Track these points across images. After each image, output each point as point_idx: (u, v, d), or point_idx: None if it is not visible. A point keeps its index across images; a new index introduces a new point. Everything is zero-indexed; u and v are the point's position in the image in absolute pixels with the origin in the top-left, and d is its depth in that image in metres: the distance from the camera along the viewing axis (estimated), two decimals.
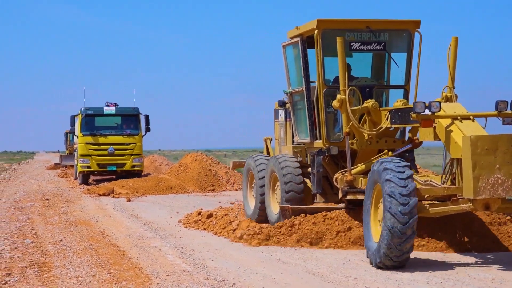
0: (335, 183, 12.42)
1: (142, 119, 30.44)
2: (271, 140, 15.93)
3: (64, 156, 48.57)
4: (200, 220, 15.48)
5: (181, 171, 28.67)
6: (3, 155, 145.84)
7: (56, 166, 51.70)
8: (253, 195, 14.83)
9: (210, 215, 15.51)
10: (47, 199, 23.43)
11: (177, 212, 18.51)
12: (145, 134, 30.52)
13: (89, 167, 29.83)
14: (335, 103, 12.22)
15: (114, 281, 9.49)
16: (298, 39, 13.10)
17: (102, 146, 29.76)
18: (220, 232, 14.01)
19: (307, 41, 13.02)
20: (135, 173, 30.16)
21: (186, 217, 16.41)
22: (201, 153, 30.99)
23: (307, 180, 13.34)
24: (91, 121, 30.15)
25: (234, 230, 13.69)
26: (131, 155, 29.97)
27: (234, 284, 9.18)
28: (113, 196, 24.52)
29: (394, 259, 9.80)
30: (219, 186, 27.24)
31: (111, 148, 29.68)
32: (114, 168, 29.95)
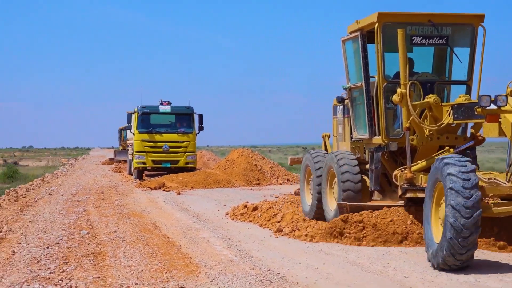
0: (394, 180, 11.88)
1: (196, 118, 30.35)
2: (329, 136, 15.46)
3: (117, 151, 49.04)
4: (246, 212, 15.61)
5: (228, 166, 28.86)
6: (61, 151, 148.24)
7: (110, 161, 52.39)
8: (310, 191, 14.35)
9: (255, 208, 15.62)
10: (102, 193, 23.83)
11: (224, 205, 18.68)
12: (198, 133, 30.33)
13: (144, 163, 29.78)
14: (395, 98, 11.66)
15: (165, 270, 9.64)
16: (358, 33, 12.55)
17: (157, 144, 29.68)
18: (265, 224, 14.10)
19: (367, 36, 12.47)
20: (188, 170, 29.95)
21: (233, 210, 16.57)
22: (247, 149, 31.12)
23: (365, 177, 12.81)
24: (147, 119, 30.11)
25: (279, 222, 13.77)
26: (185, 152, 29.87)
27: (279, 273, 9.26)
28: (164, 190, 24.78)
29: (458, 257, 8.94)
30: (264, 180, 27.34)
31: (165, 145, 29.61)
32: (168, 165, 29.84)
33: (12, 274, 9.65)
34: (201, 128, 30.33)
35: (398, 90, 11.63)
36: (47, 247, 11.81)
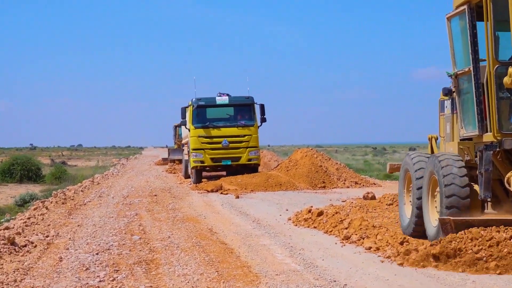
0: (507, 185, 10.78)
1: (257, 109, 29.72)
2: (436, 138, 14.12)
3: (172, 150, 49.09)
4: (310, 218, 15.59)
5: (291, 167, 28.85)
6: (112, 150, 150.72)
7: (164, 161, 52.84)
8: (410, 202, 13.02)
9: (320, 213, 15.59)
10: (155, 195, 24.12)
11: (287, 210, 18.68)
12: (260, 125, 29.66)
13: (202, 161, 29.13)
14: (506, 80, 10.54)
15: (222, 279, 9.69)
16: (465, 7, 11.34)
17: (215, 139, 29.12)
18: (331, 231, 14.05)
19: (476, 11, 11.26)
20: (251, 168, 29.53)
21: (296, 215, 16.56)
22: (311, 149, 31.04)
23: (476, 186, 11.24)
24: (202, 113, 29.59)
25: (346, 228, 13.70)
26: (247, 147, 29.19)
27: (346, 285, 9.21)
28: (221, 193, 24.92)
29: None
30: (330, 183, 27.24)
31: (225, 140, 28.97)
32: (229, 162, 29.20)
33: (59, 282, 9.84)
34: (263, 120, 29.61)
35: (510, 70, 10.51)
36: (97, 253, 12.01)
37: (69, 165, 57.40)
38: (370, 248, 11.95)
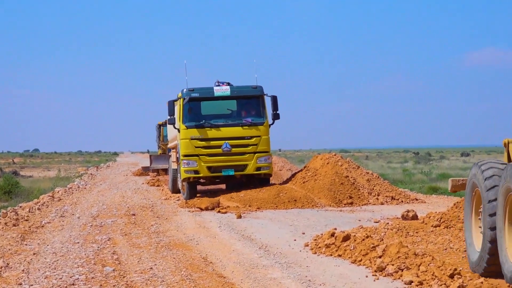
0: None
1: (268, 102, 29.17)
2: None
3: (155, 156, 48.20)
4: (333, 243, 15.57)
5: (309, 178, 28.85)
6: (77, 156, 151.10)
7: (144, 171, 52.67)
8: (480, 230, 12.11)
9: (347, 237, 15.57)
10: (133, 214, 24.14)
11: (303, 233, 18.67)
12: (272, 123, 29.19)
13: (196, 171, 28.56)
14: None
15: None
16: None
17: (213, 142, 28.55)
18: (360, 260, 14.04)
19: None
20: (260, 179, 29.14)
21: (315, 240, 16.56)
22: (334, 154, 31.05)
23: None
24: (196, 107, 29.02)
25: (380, 257, 13.71)
26: (255, 153, 28.67)
27: None
28: (219, 211, 24.90)
29: None
30: (358, 198, 27.23)
31: (226, 144, 28.43)
32: (232, 173, 28.68)
33: None
34: (276, 117, 29.11)
35: None
36: None
37: (22, 176, 57.49)
38: (411, 282, 11.94)
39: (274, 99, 29.20)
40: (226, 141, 28.57)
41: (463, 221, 17.40)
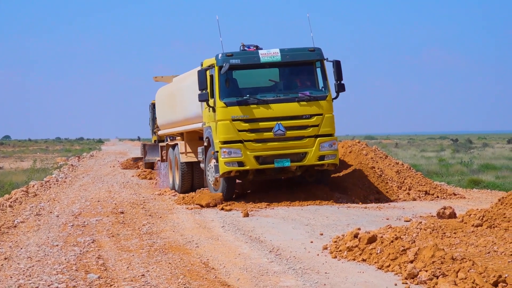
0: None
1: (330, 69, 26.47)
2: None
3: (149, 146, 45.58)
4: (357, 246, 15.62)
5: None
6: (55, 144, 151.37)
7: (134, 162, 52.32)
8: None
9: (372, 239, 15.61)
10: (122, 212, 24.19)
11: (321, 234, 18.72)
12: (336, 97, 26.54)
13: (241, 163, 26.01)
14: None
15: None
16: None
17: (262, 124, 26.04)
18: (389, 266, 14.07)
19: None
20: (324, 172, 27.30)
21: (335, 242, 16.60)
22: (358, 142, 31.13)
23: None
24: (237, 78, 26.81)
25: (411, 261, 13.74)
26: (316, 136, 26.17)
27: None
28: (223, 208, 24.97)
29: None
30: (386, 193, 27.28)
31: (278, 125, 25.94)
32: (288, 163, 26.06)
33: None
34: (340, 88, 26.42)
35: None
36: None
37: None
38: None
39: (338, 65, 26.45)
40: (279, 122, 26.01)
41: (509, 220, 17.53)
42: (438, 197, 27.30)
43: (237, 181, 27.97)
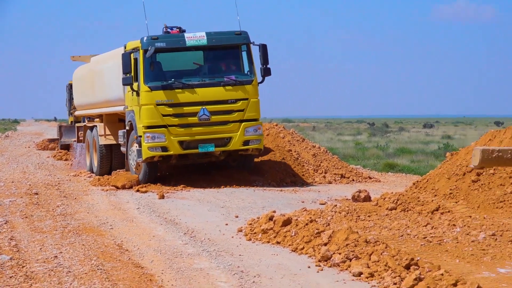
0: None
1: (256, 53, 26.32)
2: None
3: (66, 127, 44.91)
4: (271, 229, 15.66)
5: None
6: None
7: (50, 143, 51.86)
8: None
9: (287, 222, 15.66)
10: (36, 193, 23.98)
11: (236, 216, 18.76)
12: (262, 81, 26.40)
13: (164, 148, 25.66)
14: None
15: None
16: None
17: (186, 109, 25.78)
18: (303, 248, 14.14)
19: None
20: (247, 157, 27.09)
21: (250, 224, 16.64)
22: (276, 125, 31.18)
23: None
24: (162, 62, 26.34)
25: (325, 244, 13.81)
26: (241, 121, 25.99)
27: None
28: (138, 190, 24.90)
29: None
30: (302, 176, 27.38)
31: (203, 110, 25.67)
32: (212, 148, 25.79)
33: None
34: (266, 72, 26.25)
35: None
36: None
37: None
38: (360, 274, 12.12)
39: (264, 49, 26.30)
40: (204, 107, 25.79)
41: (422, 203, 17.76)
42: (353, 180, 27.51)
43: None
